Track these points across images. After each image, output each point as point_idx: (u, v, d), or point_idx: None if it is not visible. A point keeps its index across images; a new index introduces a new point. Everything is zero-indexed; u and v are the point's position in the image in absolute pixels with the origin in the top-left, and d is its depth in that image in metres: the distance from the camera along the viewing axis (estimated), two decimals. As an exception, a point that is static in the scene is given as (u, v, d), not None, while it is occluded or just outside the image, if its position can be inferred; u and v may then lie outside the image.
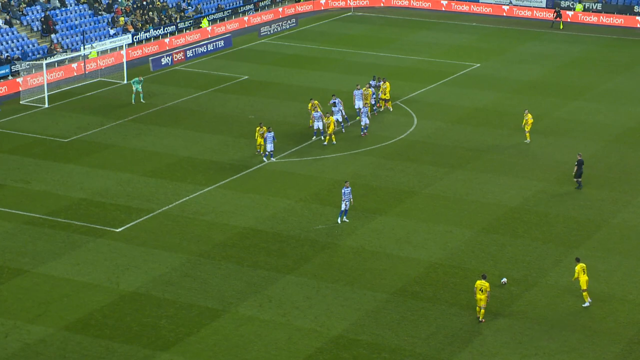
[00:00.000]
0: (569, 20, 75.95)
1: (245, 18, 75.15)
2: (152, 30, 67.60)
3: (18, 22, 63.31)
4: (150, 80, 57.54)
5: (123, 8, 68.86)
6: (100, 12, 67.51)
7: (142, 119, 50.91)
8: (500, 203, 40.40)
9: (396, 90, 56.68)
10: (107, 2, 68.65)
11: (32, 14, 64.25)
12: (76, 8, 66.80)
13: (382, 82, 52.51)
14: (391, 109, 52.38)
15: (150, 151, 46.12)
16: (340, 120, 48.71)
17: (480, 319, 30.98)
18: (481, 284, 30.93)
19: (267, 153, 44.54)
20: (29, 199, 40.03)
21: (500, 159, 45.55)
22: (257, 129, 45.27)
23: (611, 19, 75.15)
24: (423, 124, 50.69)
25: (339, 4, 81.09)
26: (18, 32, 61.90)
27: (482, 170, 44.16)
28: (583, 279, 31.83)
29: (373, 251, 35.98)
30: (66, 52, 61.34)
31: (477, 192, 41.53)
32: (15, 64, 57.40)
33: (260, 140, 44.86)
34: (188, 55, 64.07)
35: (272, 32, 72.04)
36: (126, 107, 52.44)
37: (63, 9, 65.99)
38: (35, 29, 63.31)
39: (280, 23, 73.24)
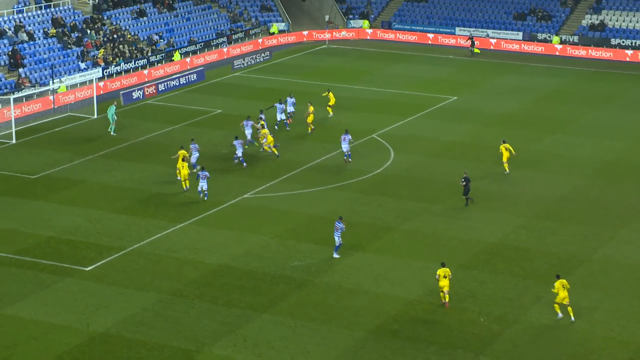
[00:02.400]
0: (542, 51, 77.09)
1: (221, 50, 75.49)
2: (122, 63, 67.67)
3: (-15, 55, 63.16)
4: (121, 115, 57.45)
5: (93, 41, 68.95)
6: (69, 46, 67.53)
7: (112, 154, 50.77)
8: (479, 239, 40.54)
9: (372, 124, 56.99)
10: (76, 35, 68.73)
11: (-1, 47, 64.23)
12: (45, 42, 66.79)
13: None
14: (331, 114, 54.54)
15: (121, 187, 45.96)
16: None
17: (445, 302, 34.03)
18: (444, 271, 34.08)
19: (204, 192, 43.92)
20: (-5, 238, 39.68)
21: (479, 194, 45.77)
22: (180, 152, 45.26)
23: (588, 51, 76.28)
24: (400, 158, 50.92)
25: (323, 36, 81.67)
26: (-15, 66, 61.73)
27: (460, 205, 44.33)
28: (562, 294, 32.93)
29: (350, 288, 35.94)
30: (34, 86, 61.18)
31: (456, 228, 41.66)
32: (-18, 99, 57.14)
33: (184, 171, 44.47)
34: (160, 89, 64.13)
35: (245, 65, 72.33)
36: (96, 142, 52.28)
37: (31, 42, 65.95)
38: (2, 63, 63.16)
39: (254, 56, 73.58)
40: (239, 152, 48.77)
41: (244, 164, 48.54)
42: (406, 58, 76.41)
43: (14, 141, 52.75)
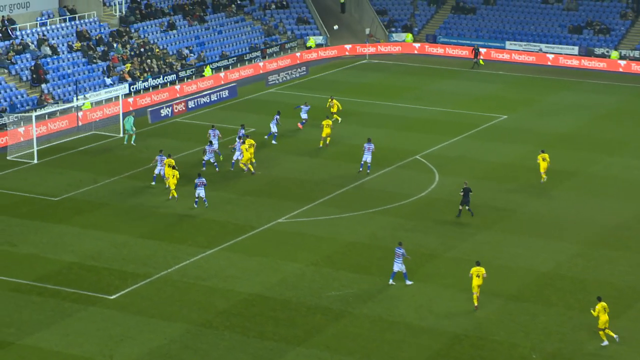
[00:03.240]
0: (603, 67, 76.64)
1: (255, 65, 76.02)
2: (150, 79, 68.42)
3: (6, 71, 64.19)
4: (148, 133, 58.05)
5: (119, 56, 69.82)
6: (94, 60, 68.42)
7: (139, 175, 51.27)
8: (530, 268, 40.29)
9: (416, 144, 57.02)
10: (102, 49, 69.65)
11: (22, 62, 65.17)
12: (69, 56, 67.76)
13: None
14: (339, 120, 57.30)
15: (148, 210, 46.35)
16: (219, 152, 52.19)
17: (475, 305, 36.01)
18: (477, 270, 36.05)
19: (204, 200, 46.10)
20: (15, 264, 40.17)
21: (530, 219, 45.53)
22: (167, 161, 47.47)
23: (650, 66, 75.76)
24: (445, 181, 50.85)
25: (368, 50, 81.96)
26: (6, 82, 62.74)
27: (510, 231, 44.12)
28: (603, 318, 33.26)
29: (391, 320, 35.86)
30: (57, 103, 62.04)
31: (505, 256, 41.44)
32: (2, 117, 58.03)
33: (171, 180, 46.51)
34: (190, 106, 64.71)
35: (280, 80, 72.78)
36: (122, 162, 52.82)
37: (55, 57, 66.94)
38: (24, 78, 64.16)
39: (289, 71, 74.03)
40: (207, 157, 51.01)
41: (213, 168, 50.34)
42: (453, 74, 76.41)
43: (35, 161, 53.50)
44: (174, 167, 47.41)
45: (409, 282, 38.48)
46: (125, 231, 43.65)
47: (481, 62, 77.86)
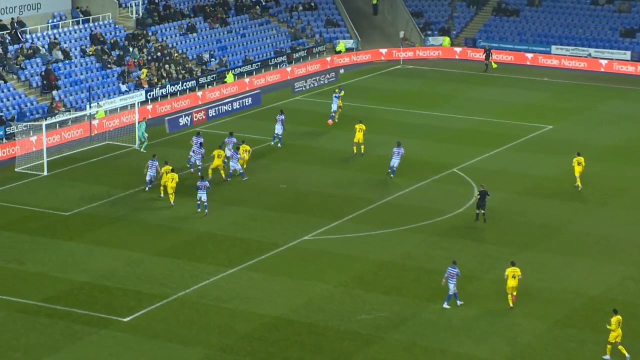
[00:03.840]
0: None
1: (280, 71, 76.26)
2: (169, 85, 68.81)
3: (15, 77, 64.80)
4: (165, 144, 58.34)
5: (136, 61, 70.30)
6: (109, 66, 68.93)
7: (155, 188, 51.51)
8: (577, 291, 40.02)
9: (453, 156, 56.92)
10: (117, 53, 70.14)
11: (31, 67, 65.76)
12: (82, 61, 68.31)
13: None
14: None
15: (165, 226, 46.55)
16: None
17: (511, 306, 37.68)
18: (513, 270, 37.83)
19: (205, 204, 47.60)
20: (22, 283, 40.44)
21: (578, 238, 45.25)
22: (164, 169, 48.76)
23: None
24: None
25: (405, 54, 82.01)
26: (14, 89, 63.31)
27: (555, 251, 43.88)
28: (617, 332, 34.37)
29: (426, 346, 35.74)
30: (69, 111, 62.52)
31: (549, 278, 41.20)
32: (11, 125, 58.56)
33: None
34: (210, 115, 65.00)
35: (308, 87, 72.93)
36: (137, 174, 53.07)
37: (67, 62, 67.50)
38: (34, 84, 64.74)
39: (317, 77, 74.18)
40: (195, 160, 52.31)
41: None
42: (494, 80, 76.25)
43: (45, 173, 53.90)
44: (172, 171, 48.84)
45: (460, 302, 38.40)
46: (140, 248, 43.85)
47: (494, 64, 77.86)
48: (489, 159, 57.10)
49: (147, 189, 50.68)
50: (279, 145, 57.54)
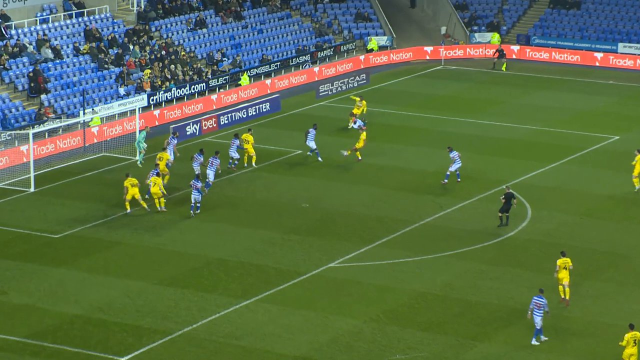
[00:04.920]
0: None
1: (303, 72, 76.48)
2: (174, 89, 69.17)
3: (-2, 78, 65.38)
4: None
5: (137, 60, 70.73)
6: (106, 66, 69.36)
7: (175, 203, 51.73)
8: (648, 328, 39.83)
9: (503, 171, 56.83)
10: (115, 52, 70.58)
11: (17, 68, 66.28)
12: (75, 60, 68.78)
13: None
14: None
15: (169, 251, 46.72)
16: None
17: (565, 299, 40.70)
18: (564, 261, 40.65)
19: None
20: (5, 316, 40.63)
21: (647, 267, 45.13)
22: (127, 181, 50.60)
23: None
24: (540, 217, 50.57)
25: (455, 53, 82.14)
26: (-2, 92, 63.87)
27: (622, 282, 43.69)
28: (630, 350, 35.62)
29: (471, 392, 35.68)
30: (60, 118, 62.90)
31: (615, 312, 41.01)
32: (-7, 134, 59.03)
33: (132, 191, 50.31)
34: (222, 123, 65.25)
35: (334, 91, 73.10)
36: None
37: (57, 61, 67.98)
38: (20, 87, 65.23)
39: (345, 80, 74.36)
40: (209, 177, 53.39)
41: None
42: (551, 84, 76.17)
43: (32, 189, 54.23)
44: (158, 175, 50.95)
45: (535, 342, 38.40)
46: (140, 277, 44.00)
47: (504, 67, 78.08)
48: (544, 174, 56.95)
49: (147, 196, 51.35)
50: (319, 159, 57.74)
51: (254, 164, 57.20)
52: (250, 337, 39.05)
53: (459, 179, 54.50)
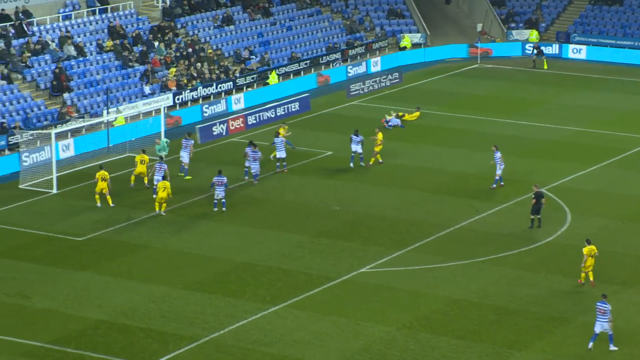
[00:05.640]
0: None
1: (334, 70, 76.60)
2: (200, 87, 69.48)
3: (20, 76, 65.79)
4: (197, 156, 58.78)
5: (162, 58, 71.07)
6: (130, 64, 69.73)
7: (184, 210, 52.00)
8: (692, 337, 39.76)
9: (542, 173, 56.78)
10: (140, 49, 70.95)
11: (39, 65, 66.73)
12: (98, 58, 69.17)
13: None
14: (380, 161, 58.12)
15: (195, 255, 46.96)
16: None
17: (585, 282, 43.20)
18: (591, 249, 42.69)
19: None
20: (27, 321, 40.94)
21: (693, 274, 45.03)
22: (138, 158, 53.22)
23: None
24: (580, 222, 50.50)
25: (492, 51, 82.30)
26: (19, 91, 64.27)
27: (666, 289, 43.68)
28: None
29: (507, 402, 35.72)
30: (83, 117, 63.27)
31: (658, 321, 41.00)
32: (14, 134, 59.46)
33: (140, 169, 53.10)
34: (249, 123, 65.48)
35: (366, 90, 73.20)
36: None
37: (80, 59, 68.39)
38: (42, 86, 65.67)
39: (377, 78, 74.44)
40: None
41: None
42: (592, 83, 76.00)
43: (55, 190, 54.61)
44: (164, 178, 51.49)
45: (613, 348, 38.40)
46: (166, 281, 44.26)
47: (545, 65, 77.94)
48: (585, 177, 56.85)
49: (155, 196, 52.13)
50: (362, 163, 57.87)
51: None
52: (279, 343, 39.22)
53: (502, 183, 54.53)
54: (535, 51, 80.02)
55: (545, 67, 79.26)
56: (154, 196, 51.53)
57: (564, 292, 43.34)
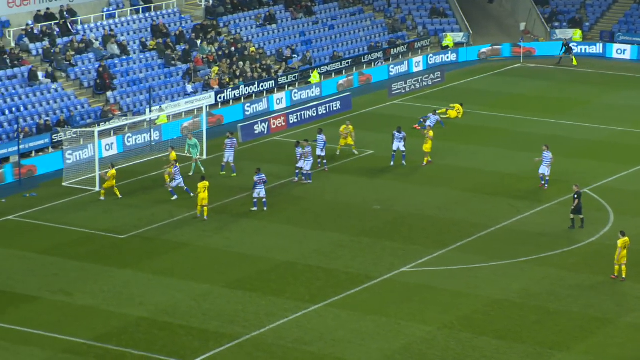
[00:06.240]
0: None
1: (376, 69, 76.57)
2: (242, 86, 69.61)
3: (64, 75, 66.21)
4: (237, 155, 58.88)
5: (204, 56, 71.29)
6: (173, 62, 69.99)
7: (225, 208, 52.11)
8: None
9: (585, 173, 56.47)
10: (183, 48, 71.20)
11: (83, 64, 67.13)
12: (141, 56, 69.49)
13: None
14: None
15: (236, 253, 47.06)
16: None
17: (617, 276, 43.38)
18: (625, 241, 43.14)
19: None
20: (69, 318, 41.20)
21: None
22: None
23: None
24: (623, 222, 50.15)
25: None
26: (63, 89, 64.69)
27: None
28: None
29: (548, 404, 35.53)
30: (126, 115, 63.60)
31: (702, 323, 40.64)
32: (58, 132, 59.84)
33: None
34: (291, 122, 65.54)
35: (407, 89, 73.08)
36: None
37: (124, 57, 68.73)
38: (86, 84, 66.06)
39: (419, 77, 74.30)
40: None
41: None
42: (638, 83, 75.51)
43: (97, 188, 54.87)
44: (203, 179, 50.69)
45: None
46: (207, 279, 44.38)
47: (574, 61, 78.22)
48: (628, 177, 56.49)
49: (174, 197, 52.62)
50: (403, 162, 57.81)
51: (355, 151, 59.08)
52: (320, 342, 39.23)
53: (546, 185, 54.23)
54: (564, 48, 79.66)
55: (575, 62, 78.85)
56: (191, 194, 51.90)
57: (607, 292, 43.07)
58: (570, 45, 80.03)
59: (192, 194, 52.44)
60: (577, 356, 38.31)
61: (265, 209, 51.22)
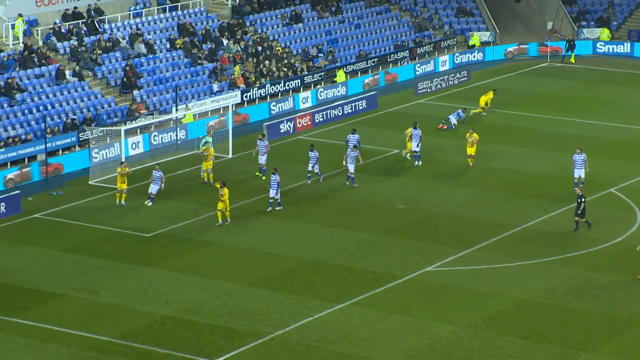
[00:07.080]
0: None
1: (402, 69, 76.48)
2: (269, 85, 69.65)
3: (90, 73, 66.44)
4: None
5: (231, 55, 71.37)
6: (199, 61, 70.11)
7: (251, 206, 52.14)
8: None
9: (612, 173, 56.22)
10: (209, 47, 71.31)
11: (110, 63, 67.34)
12: (168, 55, 69.65)
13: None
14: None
15: (261, 252, 47.09)
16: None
17: None
18: None
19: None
20: (95, 316, 41.35)
21: None
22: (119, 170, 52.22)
23: None
24: (650, 223, 50.06)
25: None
26: (90, 88, 64.91)
27: None
28: None
29: (574, 404, 35.40)
30: (152, 114, 63.77)
31: None
32: (85, 130, 60.04)
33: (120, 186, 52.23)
34: (317, 120, 65.54)
35: (433, 89, 72.97)
36: (232, 190, 53.79)
37: (150, 56, 68.90)
38: (113, 83, 66.27)
39: (445, 77, 74.17)
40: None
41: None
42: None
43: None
44: (223, 185, 49.97)
45: None
46: (232, 278, 44.43)
47: (572, 59, 78.18)
48: (654, 177, 56.36)
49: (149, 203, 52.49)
50: (419, 163, 57.52)
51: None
52: (344, 341, 39.21)
53: (576, 188, 53.35)
54: (567, 45, 79.22)
55: (573, 61, 78.58)
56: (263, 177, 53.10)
57: (634, 293, 42.86)
58: (573, 43, 79.48)
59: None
60: (603, 357, 38.15)
61: (278, 207, 51.34)
